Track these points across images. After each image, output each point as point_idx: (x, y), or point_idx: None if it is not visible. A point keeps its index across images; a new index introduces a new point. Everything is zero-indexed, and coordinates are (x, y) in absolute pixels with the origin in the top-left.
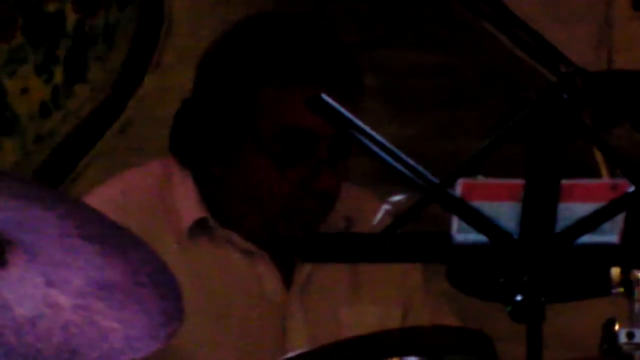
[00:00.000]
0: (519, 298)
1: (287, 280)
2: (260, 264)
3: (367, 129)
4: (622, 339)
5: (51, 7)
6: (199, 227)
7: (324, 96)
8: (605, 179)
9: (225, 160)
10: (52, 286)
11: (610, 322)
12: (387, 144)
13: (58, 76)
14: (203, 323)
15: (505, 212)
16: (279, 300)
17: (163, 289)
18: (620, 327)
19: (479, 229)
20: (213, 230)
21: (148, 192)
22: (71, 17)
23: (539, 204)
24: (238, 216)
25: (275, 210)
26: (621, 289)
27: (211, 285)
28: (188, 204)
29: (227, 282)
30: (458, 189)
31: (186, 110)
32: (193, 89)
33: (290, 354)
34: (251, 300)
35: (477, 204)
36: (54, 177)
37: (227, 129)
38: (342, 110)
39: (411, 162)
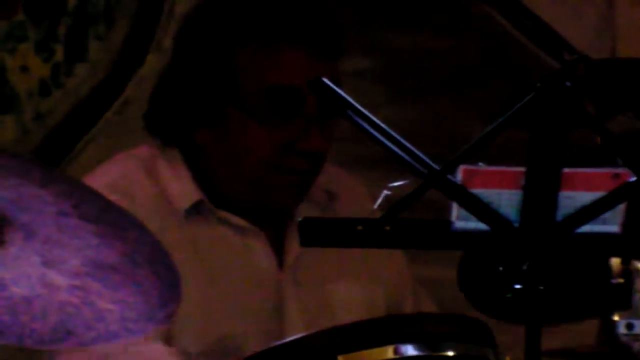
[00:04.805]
0: (518, 286)
1: (279, 256)
2: (255, 241)
3: (366, 112)
4: (621, 329)
5: None
6: (195, 209)
7: (323, 79)
8: (607, 168)
9: (208, 127)
10: (49, 266)
11: None
12: (387, 128)
13: (58, 54)
14: (201, 302)
15: (506, 200)
16: (273, 277)
17: (160, 270)
18: (620, 317)
19: (479, 217)
20: (208, 211)
21: (141, 175)
22: None
23: (540, 192)
24: (227, 188)
25: (260, 173)
26: (621, 280)
27: (208, 264)
28: (182, 186)
29: (223, 260)
30: (459, 176)
31: (165, 83)
32: (171, 58)
33: (292, 336)
34: (248, 277)
35: (477, 191)
36: (52, 156)
37: (208, 93)
38: (341, 92)
39: (411, 147)
